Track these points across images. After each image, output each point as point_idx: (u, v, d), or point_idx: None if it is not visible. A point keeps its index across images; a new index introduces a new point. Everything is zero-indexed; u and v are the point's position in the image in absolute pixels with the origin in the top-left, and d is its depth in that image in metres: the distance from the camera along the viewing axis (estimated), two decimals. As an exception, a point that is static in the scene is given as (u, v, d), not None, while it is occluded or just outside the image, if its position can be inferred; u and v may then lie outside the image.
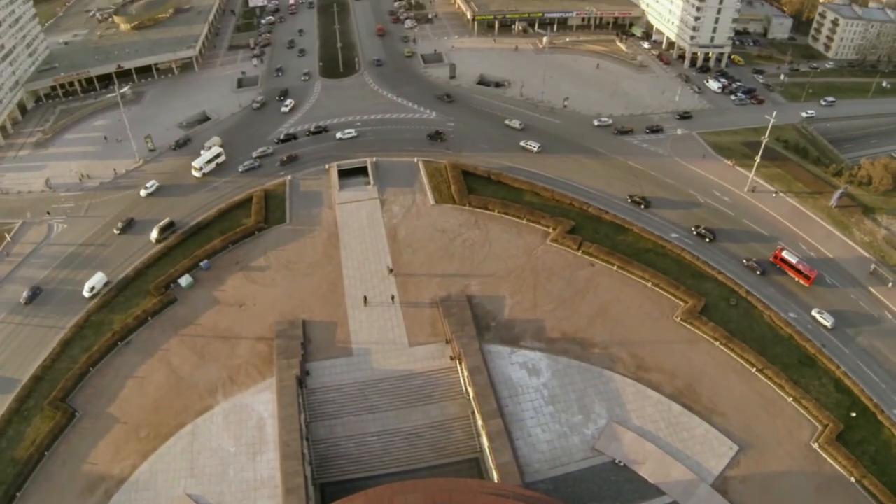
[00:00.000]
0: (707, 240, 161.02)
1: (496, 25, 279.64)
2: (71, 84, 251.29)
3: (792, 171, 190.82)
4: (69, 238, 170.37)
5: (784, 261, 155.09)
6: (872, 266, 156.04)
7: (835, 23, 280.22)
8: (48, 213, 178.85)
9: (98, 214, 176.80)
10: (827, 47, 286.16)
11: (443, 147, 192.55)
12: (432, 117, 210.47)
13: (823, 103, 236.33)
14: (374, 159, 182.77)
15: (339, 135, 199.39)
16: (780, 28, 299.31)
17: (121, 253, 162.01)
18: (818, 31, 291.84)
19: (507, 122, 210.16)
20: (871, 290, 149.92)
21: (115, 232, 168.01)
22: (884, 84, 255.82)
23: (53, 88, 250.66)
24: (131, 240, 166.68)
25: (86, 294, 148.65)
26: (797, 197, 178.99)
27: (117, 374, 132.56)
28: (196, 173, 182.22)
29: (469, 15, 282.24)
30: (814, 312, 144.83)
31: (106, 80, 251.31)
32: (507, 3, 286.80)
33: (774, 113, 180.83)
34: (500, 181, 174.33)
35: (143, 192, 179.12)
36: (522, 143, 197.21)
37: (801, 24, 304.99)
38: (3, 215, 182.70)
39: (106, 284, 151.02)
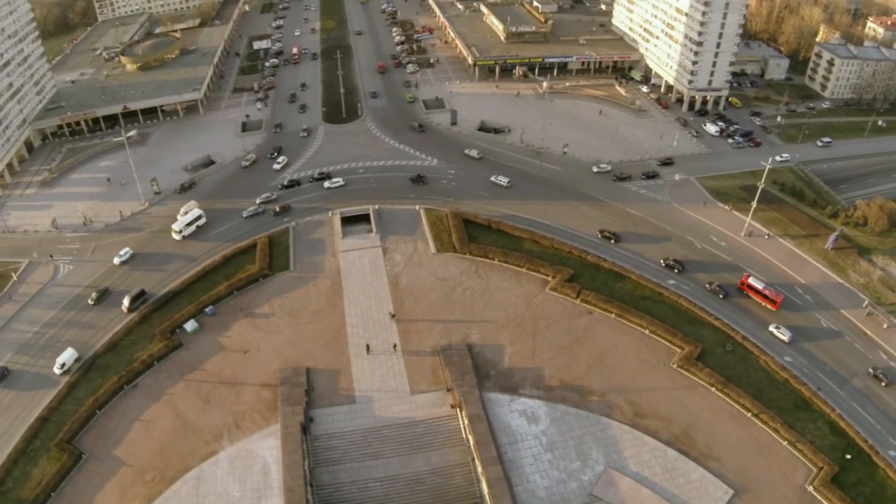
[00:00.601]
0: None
1: (497, 70, 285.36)
2: (77, 123, 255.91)
3: (788, 214, 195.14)
4: (75, 279, 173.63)
5: (751, 287, 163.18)
6: (868, 308, 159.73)
7: (831, 63, 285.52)
8: (51, 255, 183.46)
9: (103, 258, 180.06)
10: (823, 87, 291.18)
11: (443, 194, 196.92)
12: (434, 164, 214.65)
13: (820, 144, 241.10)
14: (377, 207, 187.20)
15: (326, 184, 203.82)
16: (778, 69, 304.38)
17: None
18: (814, 70, 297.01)
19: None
20: (867, 331, 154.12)
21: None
22: (880, 123, 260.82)
23: (60, 127, 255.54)
24: (141, 278, 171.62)
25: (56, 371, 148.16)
26: (793, 240, 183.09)
27: (123, 417, 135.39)
28: (176, 236, 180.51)
29: (470, 60, 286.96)
30: (771, 328, 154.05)
31: (112, 121, 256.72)
32: (507, 49, 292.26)
33: (770, 159, 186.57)
34: (500, 229, 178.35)
35: (116, 260, 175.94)
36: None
37: (798, 63, 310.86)
38: (9, 254, 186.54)
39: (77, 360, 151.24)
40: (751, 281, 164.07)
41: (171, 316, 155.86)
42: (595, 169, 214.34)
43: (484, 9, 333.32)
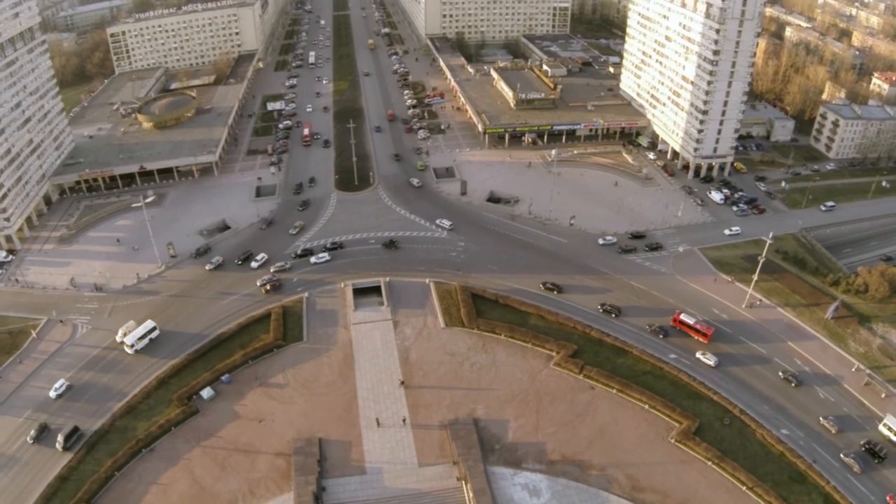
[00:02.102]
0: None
1: (507, 138, 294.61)
2: (95, 180, 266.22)
3: (790, 283, 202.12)
4: (93, 340, 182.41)
5: (683, 323, 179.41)
6: (866, 378, 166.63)
7: (835, 124, 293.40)
8: (60, 321, 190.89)
9: (121, 319, 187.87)
10: (828, 147, 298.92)
11: (453, 267, 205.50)
12: (444, 236, 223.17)
13: (823, 208, 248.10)
14: (388, 279, 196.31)
15: (312, 259, 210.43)
16: (783, 130, 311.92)
17: (142, 362, 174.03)
18: (819, 131, 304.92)
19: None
20: (865, 402, 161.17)
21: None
22: (883, 184, 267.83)
23: (77, 182, 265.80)
24: (158, 344, 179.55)
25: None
26: (794, 310, 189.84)
27: (141, 479, 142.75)
28: (128, 350, 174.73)
29: (480, 128, 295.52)
30: (698, 355, 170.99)
31: (129, 179, 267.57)
32: (517, 115, 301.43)
33: (771, 234, 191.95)
34: (507, 304, 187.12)
35: (52, 394, 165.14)
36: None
37: (804, 123, 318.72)
38: (28, 310, 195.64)
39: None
40: (682, 317, 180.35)
41: (187, 382, 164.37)
42: (601, 241, 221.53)
43: (494, 73, 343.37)
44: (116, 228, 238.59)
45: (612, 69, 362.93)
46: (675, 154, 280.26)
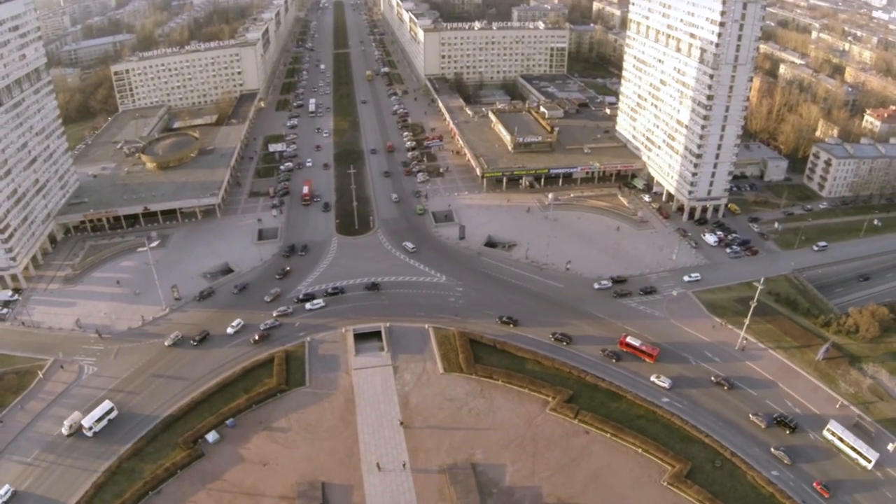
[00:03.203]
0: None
1: (504, 181, 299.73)
2: (99, 220, 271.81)
3: (782, 325, 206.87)
4: (99, 382, 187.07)
5: (629, 345, 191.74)
6: (855, 419, 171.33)
7: (828, 163, 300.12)
8: (62, 366, 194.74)
9: (127, 361, 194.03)
10: (821, 186, 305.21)
11: (451, 312, 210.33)
12: (442, 281, 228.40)
13: (816, 248, 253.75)
14: (388, 324, 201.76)
15: (308, 306, 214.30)
16: (777, 170, 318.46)
17: (152, 400, 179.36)
18: (812, 170, 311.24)
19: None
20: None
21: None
22: (875, 222, 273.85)
23: (82, 222, 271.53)
24: (164, 385, 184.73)
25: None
26: (785, 352, 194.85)
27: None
28: (87, 433, 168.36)
29: (478, 171, 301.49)
30: (652, 378, 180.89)
31: (133, 219, 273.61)
32: (514, 159, 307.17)
33: (762, 280, 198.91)
34: (504, 350, 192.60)
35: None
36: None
37: (797, 161, 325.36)
38: (35, 350, 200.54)
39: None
40: (628, 340, 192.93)
41: (192, 425, 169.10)
42: (596, 286, 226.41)
43: (492, 116, 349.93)
44: (121, 269, 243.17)
45: (608, 110, 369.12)
46: (670, 196, 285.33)
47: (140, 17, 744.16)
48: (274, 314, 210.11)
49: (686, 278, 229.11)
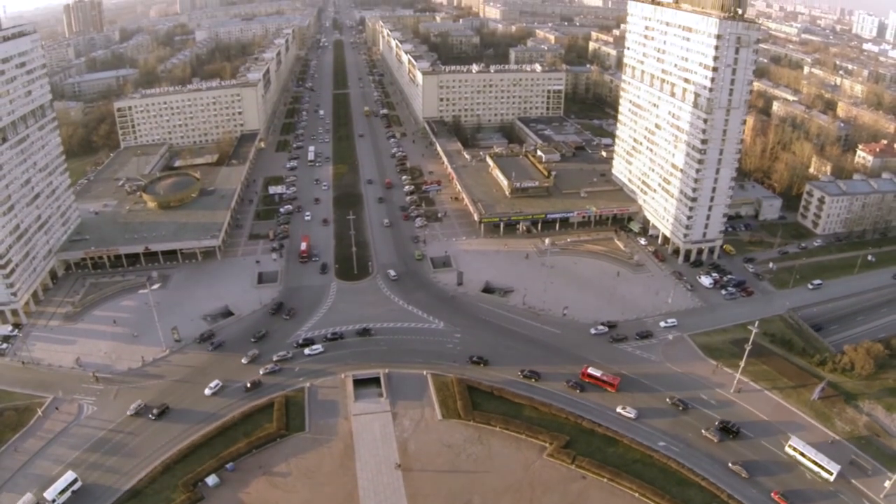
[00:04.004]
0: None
1: (501, 226, 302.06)
2: (100, 257, 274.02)
3: (777, 365, 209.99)
4: (99, 422, 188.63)
5: (591, 375, 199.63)
6: (851, 457, 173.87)
7: (821, 200, 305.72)
8: (57, 408, 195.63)
9: (126, 402, 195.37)
10: (815, 224, 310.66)
11: (449, 359, 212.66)
12: (440, 327, 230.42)
13: (811, 287, 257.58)
14: (387, 371, 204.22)
15: (307, 351, 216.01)
16: (771, 209, 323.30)
17: (150, 443, 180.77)
18: (806, 208, 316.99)
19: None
20: (853, 480, 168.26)
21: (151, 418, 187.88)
22: (869, 258, 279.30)
23: (83, 259, 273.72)
24: (164, 428, 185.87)
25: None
26: (781, 392, 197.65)
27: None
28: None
29: (476, 217, 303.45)
30: (618, 409, 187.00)
31: (134, 258, 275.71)
32: (512, 204, 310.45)
33: (756, 323, 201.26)
34: (502, 396, 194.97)
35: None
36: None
37: (791, 199, 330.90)
38: (34, 387, 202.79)
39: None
40: (590, 371, 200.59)
41: (192, 468, 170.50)
42: (593, 331, 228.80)
43: (490, 160, 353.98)
44: (121, 309, 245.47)
45: (604, 153, 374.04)
46: (666, 239, 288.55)
47: (143, 51, 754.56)
48: (274, 358, 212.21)
49: (662, 324, 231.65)
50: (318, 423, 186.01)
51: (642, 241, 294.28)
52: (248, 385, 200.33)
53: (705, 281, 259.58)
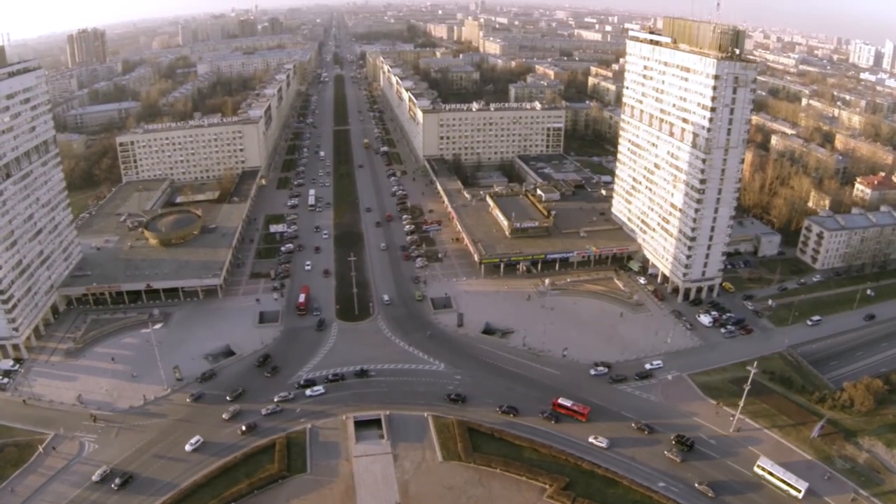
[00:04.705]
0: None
1: (502, 266, 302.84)
2: (102, 294, 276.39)
3: (776, 403, 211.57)
4: (101, 459, 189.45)
5: (561, 406, 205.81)
6: (852, 495, 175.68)
7: (820, 236, 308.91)
8: (54, 447, 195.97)
9: (128, 440, 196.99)
10: (814, 259, 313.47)
11: (450, 402, 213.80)
12: (441, 369, 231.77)
13: (810, 323, 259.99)
14: (388, 412, 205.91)
15: (308, 392, 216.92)
16: (770, 245, 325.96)
17: (153, 482, 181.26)
18: (805, 243, 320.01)
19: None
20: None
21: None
22: (868, 292, 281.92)
23: (84, 295, 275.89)
24: (166, 465, 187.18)
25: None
26: (780, 431, 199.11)
27: None
28: None
29: (476, 258, 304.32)
30: (590, 439, 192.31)
31: (135, 295, 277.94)
32: (511, 244, 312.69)
33: (755, 363, 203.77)
34: (502, 438, 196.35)
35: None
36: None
37: (790, 234, 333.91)
38: (35, 423, 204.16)
39: None
40: (560, 401, 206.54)
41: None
42: (592, 372, 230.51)
43: (490, 200, 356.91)
44: (123, 346, 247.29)
45: (604, 191, 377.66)
46: (665, 278, 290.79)
47: (145, 83, 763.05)
48: (275, 399, 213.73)
49: (648, 366, 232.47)
50: (320, 465, 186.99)
51: (642, 281, 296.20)
52: (244, 428, 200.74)
53: (704, 319, 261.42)
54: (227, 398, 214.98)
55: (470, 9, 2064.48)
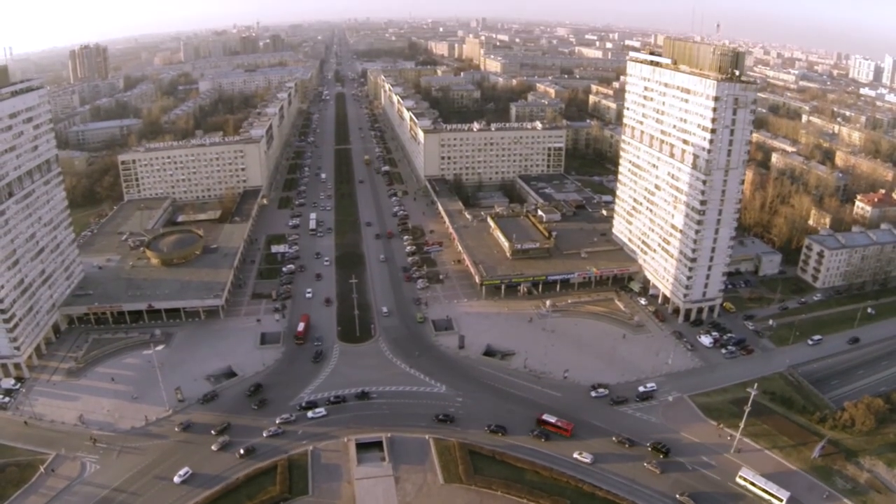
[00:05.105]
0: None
1: (503, 288, 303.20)
2: (103, 313, 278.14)
3: (777, 424, 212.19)
4: (102, 480, 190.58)
5: (546, 422, 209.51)
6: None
7: (820, 254, 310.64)
8: (52, 470, 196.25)
9: (129, 461, 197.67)
10: (815, 278, 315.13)
11: (452, 423, 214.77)
12: (442, 391, 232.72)
13: (810, 342, 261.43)
14: (389, 435, 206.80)
15: (309, 414, 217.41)
16: (771, 264, 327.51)
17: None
18: (806, 262, 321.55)
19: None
20: None
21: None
22: (869, 310, 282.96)
23: (86, 314, 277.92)
24: (165, 490, 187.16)
25: None
26: (781, 451, 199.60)
27: None
28: None
29: (477, 279, 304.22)
30: (575, 454, 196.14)
31: (137, 314, 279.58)
32: (512, 266, 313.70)
33: (755, 385, 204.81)
34: (503, 460, 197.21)
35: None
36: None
37: (791, 252, 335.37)
38: (36, 443, 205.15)
39: None
40: (545, 417, 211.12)
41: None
42: (593, 394, 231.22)
43: (491, 221, 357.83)
44: (124, 366, 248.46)
45: (605, 212, 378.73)
46: (666, 299, 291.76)
47: (147, 100, 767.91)
48: (277, 421, 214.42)
49: (641, 388, 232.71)
50: (321, 487, 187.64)
51: (643, 301, 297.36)
52: (242, 452, 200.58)
53: (705, 340, 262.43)
54: (212, 432, 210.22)
55: (471, 26, 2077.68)
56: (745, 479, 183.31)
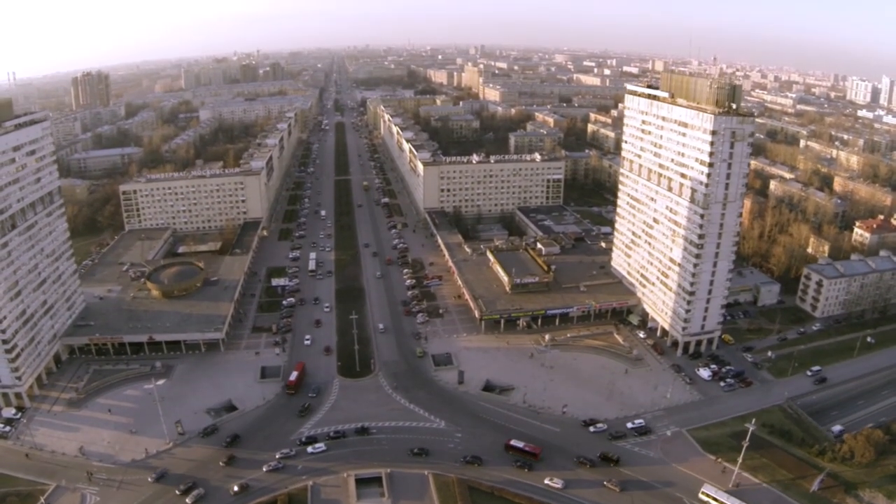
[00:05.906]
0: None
1: (502, 322, 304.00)
2: (104, 344, 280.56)
3: (776, 457, 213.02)
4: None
5: (514, 447, 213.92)
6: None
7: (819, 283, 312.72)
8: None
9: (130, 495, 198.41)
10: (814, 307, 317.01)
11: (451, 459, 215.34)
12: (441, 427, 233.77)
13: (809, 374, 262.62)
14: (389, 470, 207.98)
15: (309, 449, 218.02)
16: (769, 294, 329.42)
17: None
18: (805, 292, 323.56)
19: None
20: None
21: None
22: (868, 339, 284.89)
23: (87, 344, 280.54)
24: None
25: None
26: (780, 485, 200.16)
27: None
28: None
29: (477, 314, 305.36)
30: (546, 481, 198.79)
31: (137, 346, 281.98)
32: (512, 300, 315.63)
33: (753, 421, 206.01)
34: (502, 496, 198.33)
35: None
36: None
37: (790, 281, 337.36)
38: (37, 473, 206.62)
39: None
40: (512, 442, 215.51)
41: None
42: (592, 429, 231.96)
43: (490, 255, 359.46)
44: (125, 398, 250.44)
45: (603, 244, 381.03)
46: (665, 332, 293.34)
47: (148, 128, 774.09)
48: (277, 456, 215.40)
49: (629, 425, 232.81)
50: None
51: (641, 335, 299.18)
52: (237, 489, 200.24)
53: (704, 373, 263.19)
54: (177, 492, 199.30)
55: (469, 53, 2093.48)
56: (707, 496, 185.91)
